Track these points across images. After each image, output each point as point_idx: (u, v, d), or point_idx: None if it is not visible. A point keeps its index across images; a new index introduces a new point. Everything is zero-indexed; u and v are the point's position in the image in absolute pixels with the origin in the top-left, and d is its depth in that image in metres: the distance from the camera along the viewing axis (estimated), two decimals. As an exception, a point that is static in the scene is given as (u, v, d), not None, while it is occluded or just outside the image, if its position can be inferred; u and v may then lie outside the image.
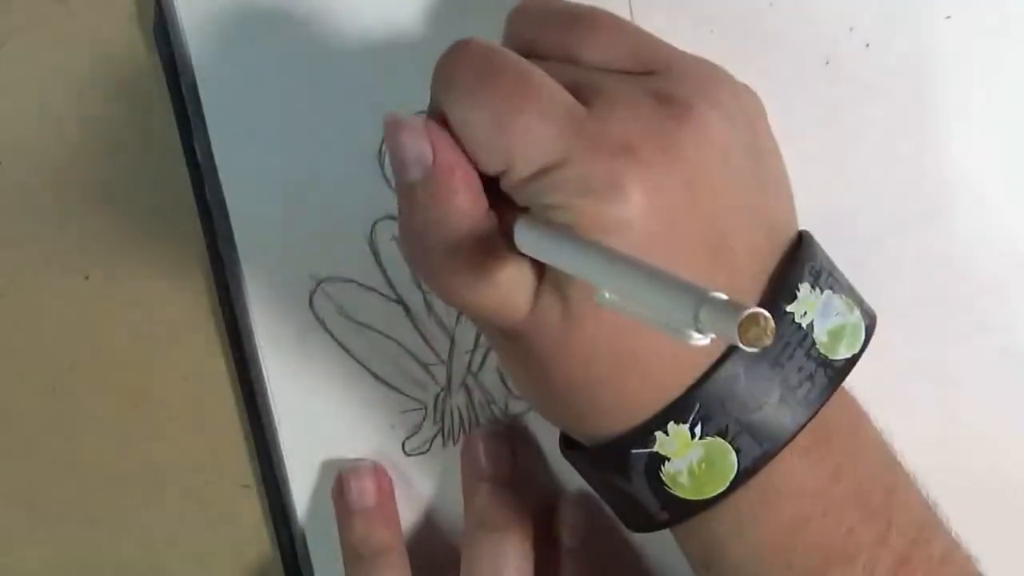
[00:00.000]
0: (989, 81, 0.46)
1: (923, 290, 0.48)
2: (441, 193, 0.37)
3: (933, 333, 0.48)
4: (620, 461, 0.38)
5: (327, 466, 0.50)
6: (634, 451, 0.38)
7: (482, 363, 0.49)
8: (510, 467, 0.49)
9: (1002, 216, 0.47)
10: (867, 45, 0.46)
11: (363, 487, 0.49)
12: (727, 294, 0.27)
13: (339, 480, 0.49)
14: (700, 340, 0.28)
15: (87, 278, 0.49)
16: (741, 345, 0.26)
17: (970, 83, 0.46)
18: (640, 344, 0.37)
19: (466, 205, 0.37)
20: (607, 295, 0.31)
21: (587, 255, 0.33)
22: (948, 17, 0.45)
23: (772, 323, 0.26)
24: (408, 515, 0.51)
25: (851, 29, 0.46)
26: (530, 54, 0.38)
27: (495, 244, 0.37)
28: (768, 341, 0.26)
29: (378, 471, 0.49)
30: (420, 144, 0.37)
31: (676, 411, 0.37)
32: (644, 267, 0.30)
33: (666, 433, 0.37)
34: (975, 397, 0.49)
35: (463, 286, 0.38)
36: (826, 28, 0.46)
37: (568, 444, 0.42)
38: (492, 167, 0.37)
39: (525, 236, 0.36)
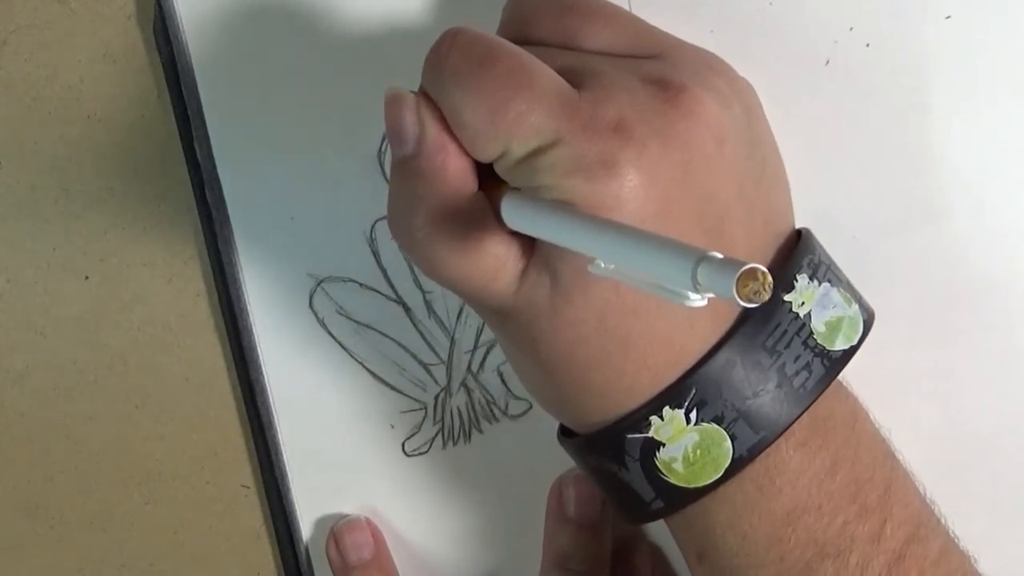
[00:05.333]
0: (989, 81, 0.46)
1: (923, 290, 0.48)
2: (429, 169, 0.37)
3: (933, 333, 0.48)
4: (615, 446, 0.38)
5: (327, 466, 0.50)
6: (629, 436, 0.38)
7: (482, 363, 0.49)
8: (597, 512, 0.49)
9: (1001, 216, 0.47)
10: (867, 45, 0.46)
11: (358, 540, 0.50)
12: None
13: (333, 536, 0.50)
14: (697, 301, 0.28)
15: (87, 278, 0.49)
16: (739, 300, 0.26)
17: (970, 83, 0.46)
18: (634, 327, 0.37)
19: (453, 182, 0.37)
20: (601, 264, 0.31)
21: (578, 224, 0.33)
22: (948, 17, 0.45)
23: (770, 278, 0.26)
24: (406, 517, 0.51)
25: (851, 29, 0.46)
26: (526, 42, 0.38)
27: (482, 222, 0.37)
28: (766, 296, 0.26)
29: (370, 523, 0.50)
30: (414, 120, 0.37)
31: (672, 396, 0.37)
32: (638, 231, 0.30)
33: (661, 418, 0.37)
34: (975, 397, 0.49)
35: (447, 263, 0.38)
36: (826, 28, 0.46)
37: (565, 433, 0.42)
38: (488, 154, 0.37)
39: (513, 210, 0.36)
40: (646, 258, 0.29)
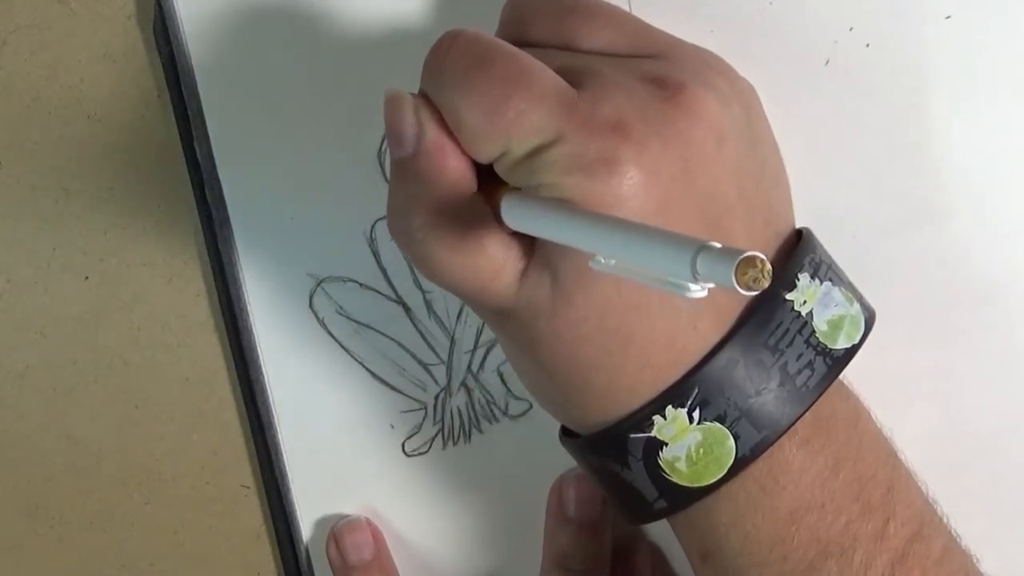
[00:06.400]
0: (989, 81, 0.46)
1: (923, 290, 0.48)
2: (429, 170, 0.37)
3: (933, 333, 0.48)
4: (618, 446, 0.38)
5: (327, 466, 0.50)
6: (632, 436, 0.38)
7: (482, 363, 0.49)
8: (597, 512, 0.49)
9: (1001, 216, 0.47)
10: (867, 45, 0.46)
11: (358, 540, 0.50)
12: None
13: (333, 536, 0.50)
14: (698, 292, 0.28)
15: (87, 278, 0.49)
16: (739, 288, 0.26)
17: (970, 83, 0.46)
18: (635, 326, 0.37)
19: (452, 183, 0.37)
20: (602, 260, 0.31)
21: (578, 221, 0.33)
22: (948, 17, 0.45)
23: (769, 266, 0.26)
24: (406, 517, 0.51)
25: (851, 29, 0.46)
26: (525, 43, 0.39)
27: (481, 223, 0.37)
28: (766, 283, 0.26)
29: (370, 523, 0.50)
30: (413, 121, 0.37)
31: (674, 395, 0.37)
32: (637, 225, 0.31)
33: (664, 417, 0.37)
34: (975, 397, 0.49)
35: (446, 264, 0.38)
36: (826, 28, 0.46)
37: (567, 433, 0.42)
38: (487, 154, 0.37)
39: (513, 210, 0.36)
40: (646, 251, 0.29)
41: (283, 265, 0.48)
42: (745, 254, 0.26)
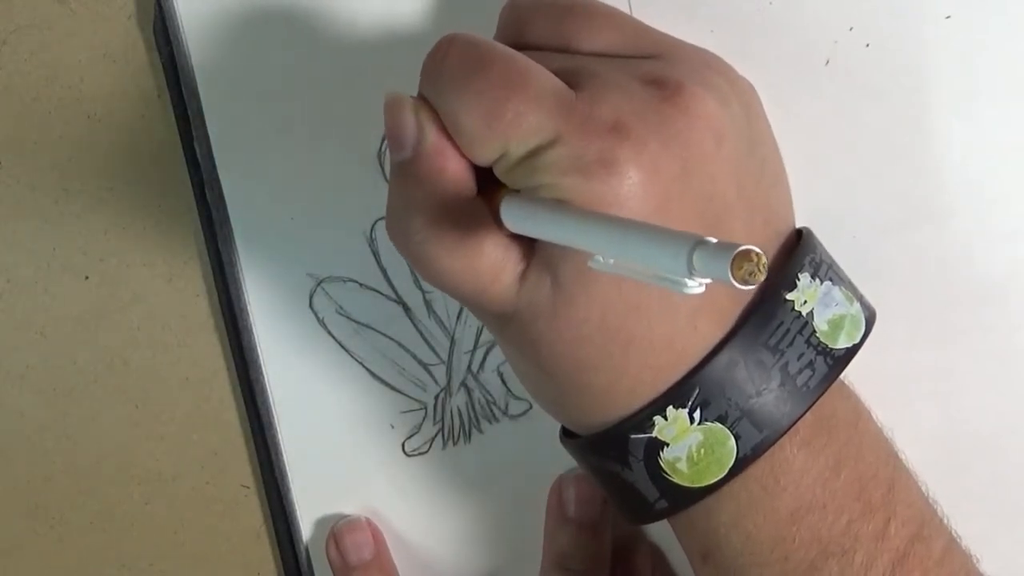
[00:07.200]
0: (989, 81, 0.46)
1: (923, 290, 0.48)
2: (428, 173, 0.37)
3: (933, 333, 0.48)
4: (619, 447, 0.38)
5: (327, 466, 0.50)
6: (633, 436, 0.38)
7: (482, 363, 0.49)
8: (597, 512, 0.49)
9: (1002, 216, 0.47)
10: (867, 45, 0.46)
11: (358, 541, 0.50)
12: None
13: (333, 536, 0.50)
14: (695, 288, 0.28)
15: (87, 278, 0.49)
16: (734, 283, 0.26)
17: (970, 83, 0.46)
18: (636, 327, 0.37)
19: (452, 186, 0.37)
20: (600, 259, 0.31)
21: (576, 220, 0.33)
22: (948, 17, 0.45)
23: (764, 259, 0.27)
24: (406, 517, 0.51)
25: (851, 29, 0.46)
26: (524, 45, 0.39)
27: (480, 226, 0.37)
28: (761, 277, 0.26)
29: (370, 523, 0.50)
30: (414, 124, 0.37)
31: (675, 395, 0.37)
32: (634, 223, 0.31)
33: (665, 418, 0.37)
34: (975, 397, 0.49)
35: (445, 266, 0.38)
36: (826, 28, 0.46)
37: (568, 434, 0.42)
38: (486, 157, 0.37)
39: (512, 212, 0.36)
40: (643, 248, 0.29)
41: (283, 265, 0.48)
42: (740, 248, 0.26)
